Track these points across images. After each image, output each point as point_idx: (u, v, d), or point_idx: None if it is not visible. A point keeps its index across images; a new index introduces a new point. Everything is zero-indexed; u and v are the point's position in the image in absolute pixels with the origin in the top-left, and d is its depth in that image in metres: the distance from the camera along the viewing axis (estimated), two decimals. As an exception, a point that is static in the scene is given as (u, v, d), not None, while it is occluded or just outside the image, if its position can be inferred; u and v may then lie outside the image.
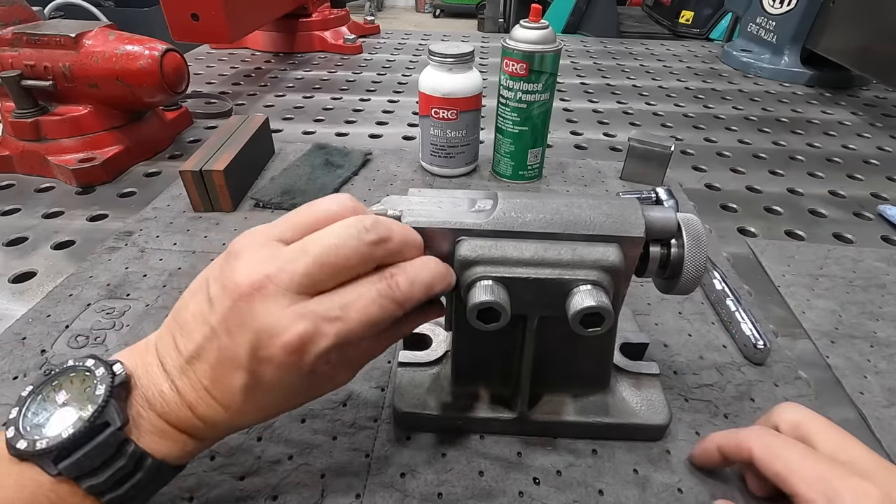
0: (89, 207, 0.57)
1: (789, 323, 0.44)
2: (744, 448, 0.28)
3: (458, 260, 0.27)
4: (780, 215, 0.60)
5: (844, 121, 0.88)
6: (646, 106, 0.91)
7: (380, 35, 1.33)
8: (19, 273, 0.47)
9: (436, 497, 0.30)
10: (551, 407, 0.33)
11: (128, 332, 0.40)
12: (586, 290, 0.26)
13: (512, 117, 0.58)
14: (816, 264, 0.51)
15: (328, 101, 0.89)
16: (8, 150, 0.62)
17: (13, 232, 0.52)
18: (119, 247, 0.50)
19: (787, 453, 0.26)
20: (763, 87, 1.03)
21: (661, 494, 0.30)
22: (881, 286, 0.48)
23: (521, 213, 0.28)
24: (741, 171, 0.70)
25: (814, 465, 0.25)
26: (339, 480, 0.31)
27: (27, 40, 0.59)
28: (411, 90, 0.95)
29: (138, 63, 0.59)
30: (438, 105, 0.58)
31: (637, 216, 0.28)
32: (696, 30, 2.20)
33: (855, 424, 0.35)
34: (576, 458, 0.32)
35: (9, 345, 0.39)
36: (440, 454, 0.32)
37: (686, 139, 0.79)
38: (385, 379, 0.37)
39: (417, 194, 0.30)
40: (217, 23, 0.74)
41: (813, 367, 0.40)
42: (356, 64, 1.09)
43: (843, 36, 0.95)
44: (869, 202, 0.63)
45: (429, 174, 0.65)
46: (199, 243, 0.51)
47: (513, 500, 0.30)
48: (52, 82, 0.59)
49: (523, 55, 0.54)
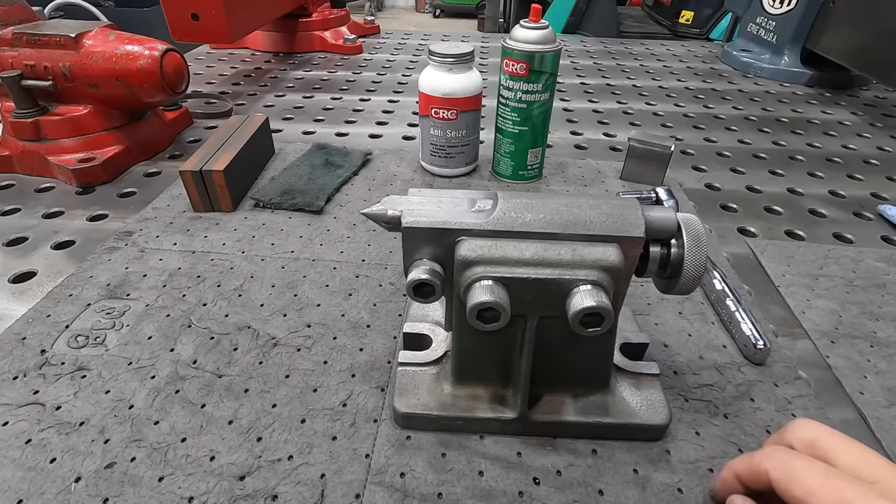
0: (89, 207, 0.57)
1: (789, 323, 0.44)
2: (761, 472, 0.26)
3: (458, 260, 0.27)
4: (780, 215, 0.60)
5: (844, 121, 0.88)
6: (646, 106, 0.91)
7: (380, 35, 1.33)
8: (19, 273, 0.47)
9: (436, 497, 0.30)
10: (551, 407, 0.33)
11: (128, 332, 0.40)
12: (586, 290, 0.26)
13: (512, 117, 0.58)
14: (816, 264, 0.51)
15: (328, 101, 0.89)
16: (8, 150, 0.62)
17: (13, 232, 0.52)
18: (119, 247, 0.50)
19: (806, 476, 0.24)
20: (763, 87, 1.03)
21: (661, 494, 0.30)
22: (881, 286, 0.48)
23: (521, 213, 0.28)
24: (741, 171, 0.70)
25: (836, 487, 0.23)
26: (339, 480, 0.31)
27: (27, 40, 0.59)
28: (411, 90, 0.95)
29: (138, 63, 0.59)
30: (438, 105, 0.58)
31: (637, 216, 0.28)
32: (696, 30, 2.20)
33: (855, 424, 0.36)
34: (576, 458, 0.32)
35: (9, 345, 0.39)
36: (440, 454, 0.32)
37: (686, 139, 0.79)
38: (385, 379, 0.37)
39: (417, 194, 0.30)
40: (217, 23, 0.74)
41: (813, 367, 0.40)
42: (356, 64, 1.09)
43: (843, 36, 0.95)
44: (869, 202, 0.63)
45: (429, 174, 0.65)
46: (199, 243, 0.51)
47: (513, 500, 0.30)
48: (52, 82, 0.59)
49: (523, 55, 0.54)
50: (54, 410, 0.34)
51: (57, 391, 0.35)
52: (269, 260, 0.49)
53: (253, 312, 0.43)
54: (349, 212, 0.57)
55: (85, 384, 0.36)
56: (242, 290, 0.45)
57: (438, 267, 0.29)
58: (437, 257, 0.29)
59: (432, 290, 0.29)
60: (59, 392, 0.35)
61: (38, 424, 0.33)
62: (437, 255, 0.29)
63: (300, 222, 0.55)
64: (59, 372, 0.37)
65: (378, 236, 0.53)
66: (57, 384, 0.36)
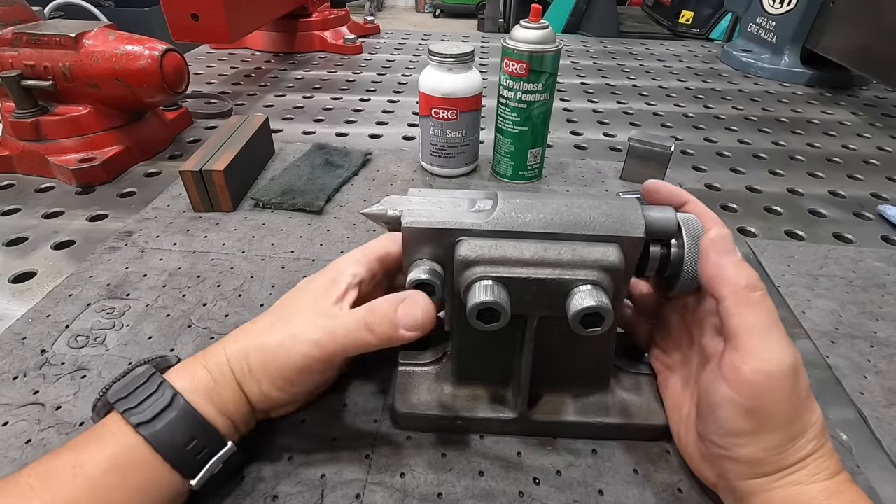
0: (89, 207, 0.57)
1: (789, 323, 0.44)
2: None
3: (458, 260, 0.27)
4: (780, 215, 0.60)
5: (844, 121, 0.88)
6: (646, 106, 0.91)
7: (380, 35, 1.33)
8: (19, 273, 0.47)
9: (436, 497, 0.30)
10: (551, 407, 0.33)
11: (128, 332, 0.40)
12: (586, 291, 0.26)
13: (512, 117, 0.58)
14: (816, 264, 0.51)
15: (328, 101, 0.89)
16: (8, 150, 0.62)
17: (13, 232, 0.52)
18: (119, 247, 0.50)
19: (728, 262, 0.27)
20: (763, 87, 1.03)
21: (661, 494, 0.30)
22: (881, 286, 0.48)
23: (521, 213, 0.28)
24: (741, 171, 0.70)
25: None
26: (339, 480, 0.31)
27: (27, 40, 0.59)
28: (411, 90, 0.95)
29: (138, 63, 0.59)
30: (438, 105, 0.58)
31: (637, 216, 0.28)
32: (696, 30, 2.20)
33: (855, 424, 0.35)
34: (576, 458, 0.32)
35: (9, 345, 0.39)
36: (440, 454, 0.32)
37: (686, 139, 0.79)
38: (385, 379, 0.37)
39: (417, 194, 0.30)
40: (217, 23, 0.74)
41: (813, 367, 0.40)
42: (356, 64, 1.09)
43: (842, 36, 0.95)
44: (869, 202, 0.63)
45: (429, 174, 0.65)
46: (199, 243, 0.51)
47: (513, 500, 0.30)
48: (52, 82, 0.59)
49: (523, 55, 0.54)
50: (54, 410, 0.34)
51: (57, 391, 0.35)
52: (269, 260, 0.49)
53: (253, 312, 0.42)
54: (349, 212, 0.57)
55: (85, 384, 0.36)
56: (242, 290, 0.45)
57: (438, 267, 0.29)
58: (437, 257, 0.29)
59: (432, 290, 0.29)
60: (59, 392, 0.35)
61: (38, 424, 0.33)
62: (437, 255, 0.29)
63: (300, 222, 0.55)
64: (59, 372, 0.37)
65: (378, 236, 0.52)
66: (57, 384, 0.36)
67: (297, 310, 0.30)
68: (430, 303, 0.28)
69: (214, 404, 0.28)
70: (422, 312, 0.28)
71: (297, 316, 0.30)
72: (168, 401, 0.26)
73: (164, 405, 0.26)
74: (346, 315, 0.29)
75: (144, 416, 0.26)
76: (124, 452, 0.25)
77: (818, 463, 0.25)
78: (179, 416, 0.26)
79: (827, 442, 0.26)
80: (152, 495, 0.25)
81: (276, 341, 0.29)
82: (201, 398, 0.27)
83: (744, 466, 0.26)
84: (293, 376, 0.29)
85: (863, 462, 0.33)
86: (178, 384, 0.27)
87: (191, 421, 0.26)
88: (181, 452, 0.26)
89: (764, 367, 0.24)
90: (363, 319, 0.28)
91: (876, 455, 0.34)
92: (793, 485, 0.25)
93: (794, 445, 0.25)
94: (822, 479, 0.25)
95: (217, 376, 0.28)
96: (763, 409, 0.25)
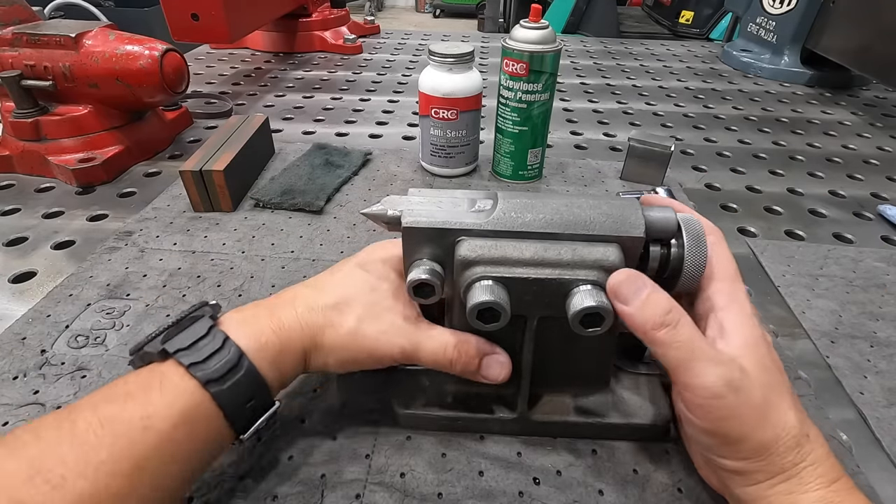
0: (89, 207, 0.57)
1: (789, 323, 0.44)
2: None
3: (458, 260, 0.27)
4: (780, 215, 0.60)
5: (844, 121, 0.88)
6: (646, 106, 0.91)
7: (380, 35, 1.33)
8: (19, 273, 0.47)
9: (436, 497, 0.30)
10: (551, 407, 0.33)
11: (128, 332, 0.40)
12: (586, 291, 0.26)
13: (512, 117, 0.58)
14: (816, 264, 0.51)
15: (328, 101, 0.89)
16: (8, 150, 0.62)
17: (13, 232, 0.52)
18: (119, 247, 0.50)
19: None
20: (763, 87, 1.03)
21: (661, 494, 0.30)
22: (881, 286, 0.48)
23: (521, 213, 0.28)
24: (741, 171, 0.70)
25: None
26: (339, 480, 0.31)
27: (27, 40, 0.59)
28: (411, 90, 0.95)
29: (138, 63, 0.59)
30: (438, 105, 0.58)
31: (637, 216, 0.28)
32: (696, 30, 2.20)
33: (855, 424, 0.36)
34: (576, 458, 0.32)
35: (9, 345, 0.39)
36: (440, 454, 0.32)
37: (686, 139, 0.79)
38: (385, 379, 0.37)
39: (417, 194, 0.30)
40: (217, 23, 0.74)
41: (813, 367, 0.40)
42: (356, 64, 1.09)
43: (842, 36, 0.95)
44: (869, 202, 0.63)
45: (429, 174, 0.65)
46: (199, 243, 0.51)
47: (513, 500, 0.30)
48: (52, 82, 0.59)
49: (523, 55, 0.54)
50: (54, 410, 0.34)
51: (57, 391, 0.35)
52: (269, 260, 0.49)
53: (253, 312, 0.42)
54: (349, 212, 0.57)
55: (85, 384, 0.36)
56: (242, 291, 0.45)
57: (438, 267, 0.29)
58: (437, 257, 0.29)
59: (432, 290, 0.29)
60: (59, 392, 0.35)
61: (38, 424, 0.33)
62: (437, 255, 0.29)
63: (300, 222, 0.55)
64: (60, 372, 0.37)
65: (378, 236, 0.53)
66: (57, 384, 0.36)
67: (385, 306, 0.31)
68: (510, 362, 0.31)
69: (277, 368, 0.29)
70: (503, 373, 0.31)
71: (386, 314, 0.31)
72: (235, 361, 0.27)
73: (231, 365, 0.26)
74: (431, 335, 0.31)
75: (212, 374, 0.26)
76: (192, 407, 0.25)
77: (810, 471, 0.25)
78: (244, 377, 0.27)
79: (818, 449, 0.25)
80: (211, 447, 0.27)
81: (361, 331, 0.30)
82: (267, 363, 0.28)
83: (734, 475, 0.26)
84: (367, 363, 0.31)
85: (863, 462, 0.33)
86: (242, 343, 0.28)
87: (254, 383, 0.27)
88: (240, 410, 0.27)
89: (699, 392, 0.25)
90: (448, 353, 0.30)
91: (876, 455, 0.34)
92: (785, 494, 0.25)
93: (772, 453, 0.25)
94: (818, 488, 0.24)
95: (285, 343, 0.29)
96: (717, 427, 0.25)
